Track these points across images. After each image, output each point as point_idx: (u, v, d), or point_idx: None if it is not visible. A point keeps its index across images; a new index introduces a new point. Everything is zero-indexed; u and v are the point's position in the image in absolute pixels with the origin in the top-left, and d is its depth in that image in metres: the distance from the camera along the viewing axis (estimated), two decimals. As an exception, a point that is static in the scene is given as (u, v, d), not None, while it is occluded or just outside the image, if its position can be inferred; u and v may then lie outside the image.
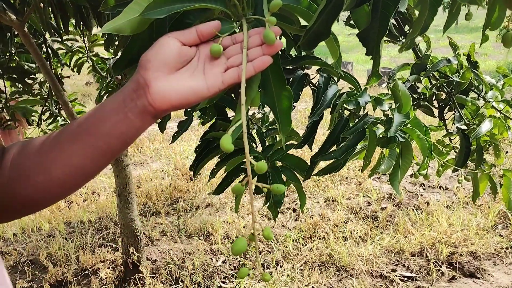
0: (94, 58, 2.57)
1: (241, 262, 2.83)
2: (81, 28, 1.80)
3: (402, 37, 1.14)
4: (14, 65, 2.07)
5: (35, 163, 0.57)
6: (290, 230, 3.18)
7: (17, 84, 2.28)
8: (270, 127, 1.24)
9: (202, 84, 0.57)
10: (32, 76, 2.19)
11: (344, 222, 3.26)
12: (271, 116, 1.22)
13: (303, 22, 0.69)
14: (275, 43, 0.57)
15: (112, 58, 2.47)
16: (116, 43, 1.93)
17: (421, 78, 1.24)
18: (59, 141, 0.58)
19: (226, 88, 0.58)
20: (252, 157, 0.55)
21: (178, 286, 2.62)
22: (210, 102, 1.07)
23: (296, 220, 3.34)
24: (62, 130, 0.59)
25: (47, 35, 2.10)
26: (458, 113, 1.21)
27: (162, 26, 0.62)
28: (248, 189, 0.55)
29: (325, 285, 2.59)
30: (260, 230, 0.55)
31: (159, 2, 0.56)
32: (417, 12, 1.18)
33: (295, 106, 0.93)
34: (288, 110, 0.65)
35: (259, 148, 1.11)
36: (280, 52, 0.93)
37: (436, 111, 1.32)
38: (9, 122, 2.22)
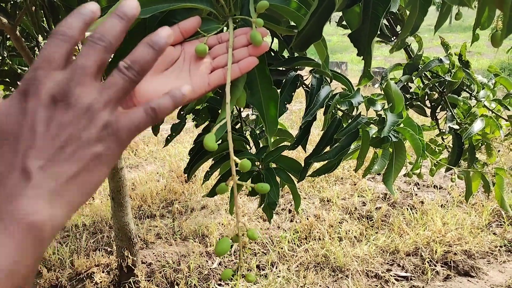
0: (87, 61, 2.56)
1: (236, 264, 2.83)
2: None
3: (394, 37, 1.15)
4: (6, 69, 2.06)
5: None
6: (285, 231, 3.18)
7: (10, 88, 2.26)
8: (263, 129, 1.24)
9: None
10: (25, 79, 2.18)
11: (339, 222, 3.26)
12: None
13: (291, 22, 0.69)
14: (261, 44, 0.57)
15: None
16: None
17: (414, 78, 1.24)
18: None
19: (212, 90, 0.58)
20: (245, 158, 0.55)
21: (173, 289, 2.62)
22: (198, 104, 1.07)
23: (291, 221, 3.34)
24: None
25: (40, 38, 2.09)
26: (450, 113, 1.22)
27: (155, 28, 0.61)
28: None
29: (320, 286, 2.60)
30: (244, 231, 0.54)
31: (144, 1, 0.55)
32: (408, 13, 1.18)
33: (287, 108, 0.93)
34: (274, 110, 0.65)
35: (253, 150, 1.11)
36: (272, 53, 0.93)
37: (428, 111, 1.33)
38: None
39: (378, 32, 0.67)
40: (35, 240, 0.33)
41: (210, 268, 2.79)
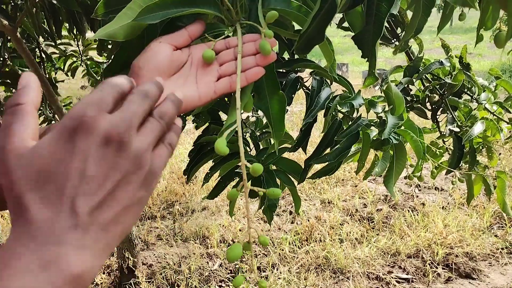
0: (88, 62, 2.57)
1: (237, 266, 2.83)
2: (74, 33, 1.80)
3: (394, 39, 1.15)
4: (7, 70, 2.07)
5: None
6: (286, 232, 3.17)
7: (11, 89, 2.27)
8: (264, 131, 1.24)
9: (194, 93, 0.56)
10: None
11: (340, 224, 3.26)
12: (265, 120, 1.22)
13: (297, 27, 0.69)
14: (270, 54, 0.56)
15: (106, 62, 2.47)
16: (109, 46, 1.92)
17: (414, 80, 1.24)
18: None
19: (218, 97, 0.58)
20: (246, 160, 0.54)
21: (174, 291, 2.62)
22: (203, 109, 1.07)
23: (292, 222, 3.34)
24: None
25: (41, 40, 2.10)
26: (451, 115, 1.21)
27: (154, 30, 0.61)
28: (244, 193, 0.55)
29: (321, 287, 2.59)
30: (256, 237, 0.54)
31: (152, 7, 0.55)
32: (409, 15, 1.18)
33: (287, 110, 0.93)
34: (281, 115, 0.65)
35: (253, 152, 1.11)
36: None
37: (429, 113, 1.32)
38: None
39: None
40: None
41: (211, 270, 2.78)
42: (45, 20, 1.60)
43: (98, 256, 0.34)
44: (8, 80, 2.09)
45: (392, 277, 2.65)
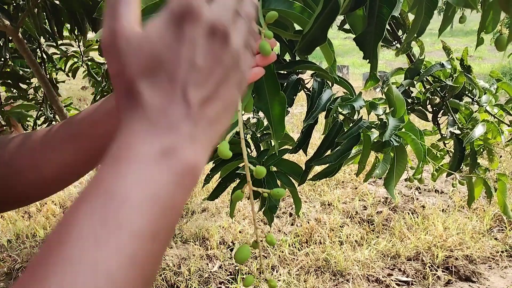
0: (89, 63, 2.57)
1: (237, 268, 2.82)
2: (76, 33, 1.80)
3: (396, 41, 1.15)
4: (8, 70, 2.07)
5: (29, 161, 0.57)
6: (286, 234, 3.17)
7: (12, 89, 2.27)
8: (264, 132, 1.24)
9: None
10: (27, 81, 2.18)
11: (340, 226, 3.25)
12: (266, 121, 1.22)
13: (297, 27, 0.69)
14: (270, 54, 0.57)
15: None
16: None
17: (415, 82, 1.24)
18: (53, 140, 0.57)
19: None
20: (259, 165, 0.54)
21: (173, 292, 2.61)
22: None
23: (292, 224, 3.34)
24: (58, 129, 0.59)
25: (42, 40, 2.10)
26: (452, 118, 1.21)
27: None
28: (248, 195, 0.55)
29: (321, 289, 2.59)
30: (263, 237, 0.54)
31: (151, 7, 0.56)
32: (410, 17, 1.18)
33: (289, 111, 0.93)
34: (281, 116, 0.65)
35: (254, 153, 1.11)
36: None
37: (430, 116, 1.32)
38: (4, 128, 2.21)
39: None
40: (191, 180, 0.33)
41: (211, 271, 2.78)
42: (46, 20, 1.60)
43: (206, 150, 0.34)
44: (9, 81, 2.10)
45: (392, 280, 2.65)
